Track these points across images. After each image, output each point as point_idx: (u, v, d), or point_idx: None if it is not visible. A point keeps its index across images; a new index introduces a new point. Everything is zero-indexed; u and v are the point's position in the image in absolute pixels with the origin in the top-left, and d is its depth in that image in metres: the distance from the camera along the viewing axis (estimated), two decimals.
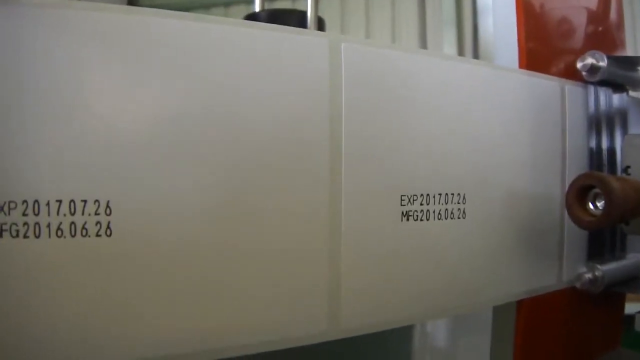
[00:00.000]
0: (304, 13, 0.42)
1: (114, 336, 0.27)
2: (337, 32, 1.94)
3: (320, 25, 0.42)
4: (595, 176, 0.36)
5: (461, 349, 0.62)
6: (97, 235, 0.26)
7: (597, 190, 0.37)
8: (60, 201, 0.26)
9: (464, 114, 0.38)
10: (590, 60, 0.47)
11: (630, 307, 0.52)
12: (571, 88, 0.47)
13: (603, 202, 0.36)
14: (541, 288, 0.45)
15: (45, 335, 0.26)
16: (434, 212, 0.37)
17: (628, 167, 0.43)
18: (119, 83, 0.27)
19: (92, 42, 0.27)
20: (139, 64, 0.28)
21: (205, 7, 2.20)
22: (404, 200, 0.35)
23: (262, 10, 0.45)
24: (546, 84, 0.45)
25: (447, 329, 0.62)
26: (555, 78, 0.46)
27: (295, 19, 0.41)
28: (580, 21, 0.51)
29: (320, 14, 0.42)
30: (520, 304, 0.44)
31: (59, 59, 0.26)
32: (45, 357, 0.26)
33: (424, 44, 1.98)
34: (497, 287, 0.41)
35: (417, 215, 0.36)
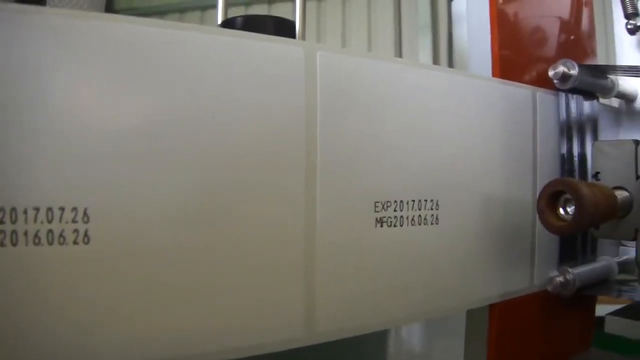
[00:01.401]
0: (280, 19, 0.42)
1: (91, 344, 0.27)
2: (314, 37, 1.95)
3: (290, 28, 0.42)
4: (565, 182, 0.37)
5: (435, 352, 0.62)
6: (75, 243, 0.26)
7: (567, 195, 0.37)
8: (37, 209, 0.26)
9: (437, 121, 0.39)
10: (561, 69, 0.48)
11: (601, 309, 0.53)
12: (543, 95, 0.47)
13: (573, 207, 0.37)
14: (514, 292, 0.45)
15: (21, 344, 0.26)
16: (407, 218, 0.37)
17: (598, 172, 0.44)
18: (96, 89, 0.27)
19: (69, 48, 0.27)
20: (116, 70, 0.28)
21: (180, 11, 2.19)
22: (377, 206, 0.36)
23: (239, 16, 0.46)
24: (519, 92, 0.45)
25: (422, 333, 0.63)
26: (528, 86, 0.46)
27: (271, 25, 0.41)
28: (552, 30, 0.52)
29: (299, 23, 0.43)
30: (492, 307, 0.45)
31: (36, 65, 0.26)
32: None
33: (399, 50, 1.99)
34: (470, 292, 0.42)
35: (390, 222, 0.36)
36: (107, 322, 0.27)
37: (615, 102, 0.57)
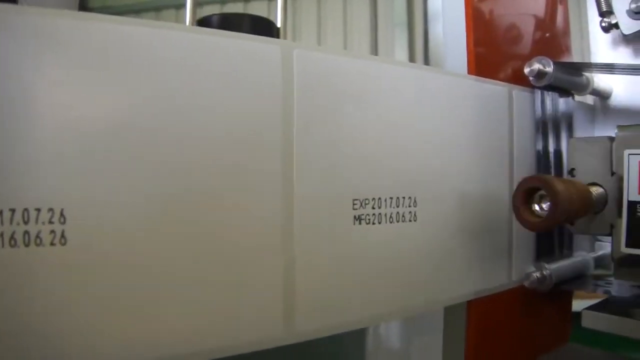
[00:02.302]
0: (257, 17, 0.42)
1: (67, 346, 0.27)
2: (290, 35, 1.94)
3: (272, 29, 0.42)
4: (540, 178, 0.37)
5: (414, 349, 0.62)
6: (52, 244, 0.26)
7: (542, 192, 0.38)
8: (13, 210, 0.25)
9: (414, 119, 0.39)
10: (537, 66, 0.48)
11: (578, 304, 0.53)
12: (518, 93, 0.48)
13: (548, 203, 0.37)
14: (491, 288, 0.46)
15: None
16: (385, 215, 0.37)
17: (573, 169, 0.44)
18: (72, 88, 0.27)
19: (39, 47, 0.26)
20: (91, 69, 0.27)
21: (156, 10, 2.17)
22: (356, 204, 0.36)
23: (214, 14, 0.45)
24: (494, 89, 0.46)
25: (401, 330, 0.63)
26: (503, 83, 0.47)
27: (248, 23, 0.41)
28: (527, 28, 0.52)
29: (272, 17, 0.43)
30: (470, 303, 0.45)
31: (6, 63, 0.26)
32: None
33: (375, 48, 1.99)
34: (447, 288, 0.42)
35: (369, 219, 0.36)
36: (83, 324, 0.27)
37: (590, 99, 0.58)
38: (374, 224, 0.37)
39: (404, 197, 0.38)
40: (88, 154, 0.27)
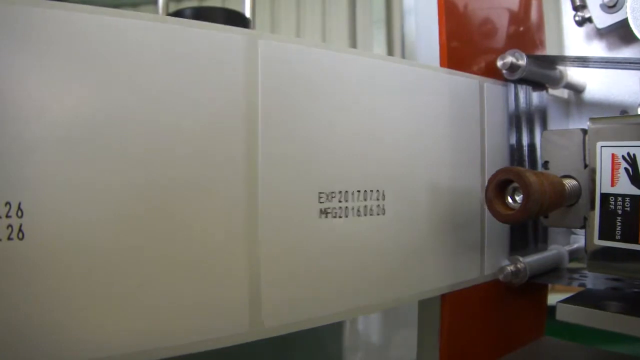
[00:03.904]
0: (231, 11, 0.41)
1: (29, 341, 0.26)
2: (268, 32, 1.94)
3: (246, 22, 0.41)
4: (513, 171, 0.37)
5: (392, 344, 0.62)
6: (9, 239, 0.25)
7: (515, 184, 0.38)
8: None
9: (383, 111, 0.39)
10: (510, 59, 0.48)
11: (554, 298, 0.53)
12: (491, 86, 0.48)
13: (521, 196, 0.37)
14: (464, 282, 0.45)
15: None
16: (352, 208, 0.37)
17: (547, 162, 0.44)
18: (34, 78, 0.26)
19: (4, 35, 0.26)
20: (54, 60, 0.27)
21: (133, 5, 2.17)
22: (322, 197, 0.35)
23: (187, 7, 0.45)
24: (466, 82, 0.46)
25: (378, 325, 0.63)
26: (476, 76, 0.47)
27: (221, 16, 0.41)
28: (501, 21, 0.52)
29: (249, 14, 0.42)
30: (444, 297, 0.45)
31: None
32: None
33: (353, 45, 2.00)
34: (420, 282, 0.42)
35: (335, 213, 0.36)
36: (41, 320, 0.26)
37: (564, 92, 0.58)
38: (340, 217, 0.36)
39: (371, 190, 0.38)
40: (48, 146, 0.26)
